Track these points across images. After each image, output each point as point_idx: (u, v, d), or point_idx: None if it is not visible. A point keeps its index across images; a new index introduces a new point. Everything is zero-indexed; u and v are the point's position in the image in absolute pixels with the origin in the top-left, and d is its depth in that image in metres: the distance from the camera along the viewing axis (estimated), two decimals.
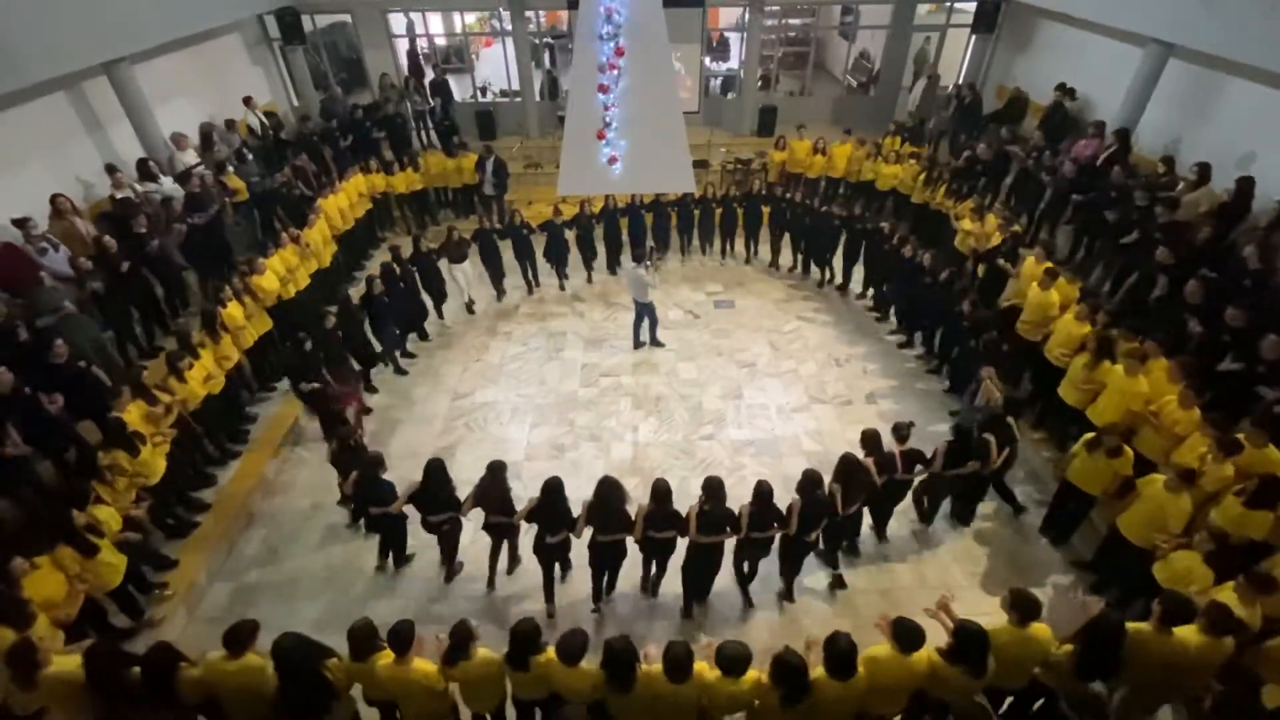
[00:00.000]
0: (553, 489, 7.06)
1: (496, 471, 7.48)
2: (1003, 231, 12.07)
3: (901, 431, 8.13)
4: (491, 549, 8.16)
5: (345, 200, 13.80)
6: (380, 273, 11.80)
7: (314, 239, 12.48)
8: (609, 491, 6.98)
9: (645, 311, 12.30)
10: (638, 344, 12.61)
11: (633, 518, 7.05)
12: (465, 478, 8.36)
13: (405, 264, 12.39)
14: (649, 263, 12.13)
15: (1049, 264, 10.78)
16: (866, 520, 8.80)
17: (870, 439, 7.87)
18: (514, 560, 8.32)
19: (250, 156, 13.94)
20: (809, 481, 7.18)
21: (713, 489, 6.94)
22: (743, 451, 10.40)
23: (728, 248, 15.35)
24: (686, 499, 7.85)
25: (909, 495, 8.71)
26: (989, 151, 13.97)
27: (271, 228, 13.15)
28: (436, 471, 7.53)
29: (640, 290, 12.02)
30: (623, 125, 7.81)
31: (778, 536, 7.43)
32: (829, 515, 7.37)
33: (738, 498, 7.55)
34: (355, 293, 11.80)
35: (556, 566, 7.82)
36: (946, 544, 9.20)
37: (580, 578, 8.29)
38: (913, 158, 15.10)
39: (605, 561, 7.46)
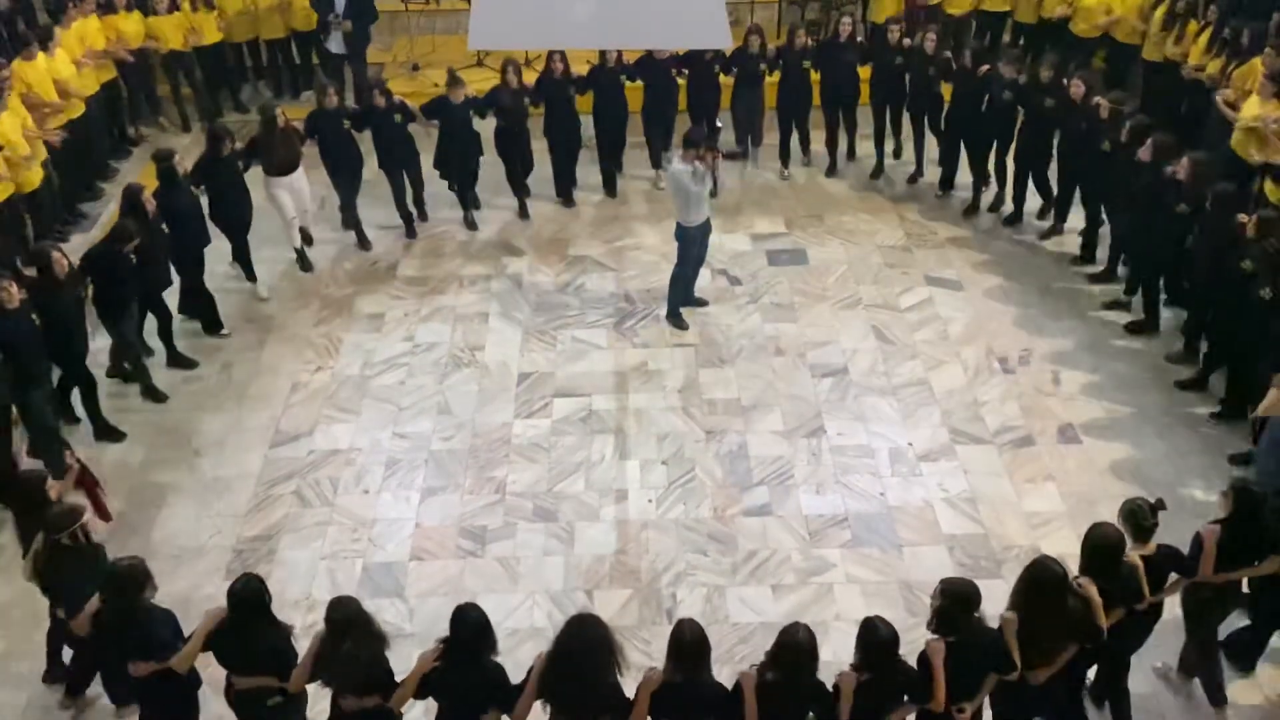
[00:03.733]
0: (469, 627, 4.32)
1: (349, 625, 4.34)
2: None
3: (1143, 519, 4.79)
4: None
5: (66, 61, 8.78)
6: (123, 198, 7.05)
7: (4, 134, 7.67)
8: (582, 646, 4.22)
9: (693, 245, 7.80)
10: (675, 315, 8.09)
11: (626, 694, 4.35)
12: (298, 595, 5.82)
13: (173, 188, 7.41)
14: (715, 155, 7.44)
15: None
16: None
17: (1099, 545, 4.69)
18: None
19: None
20: (956, 598, 4.34)
21: (790, 649, 4.21)
22: (826, 537, 6.39)
23: (794, 146, 9.93)
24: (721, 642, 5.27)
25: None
26: None
27: None
28: (246, 595, 4.48)
29: (686, 206, 7.56)
30: None
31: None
32: (997, 667, 4.48)
33: (824, 629, 5.10)
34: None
35: None
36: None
37: None
38: None
39: None
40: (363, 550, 6.14)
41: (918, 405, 7.25)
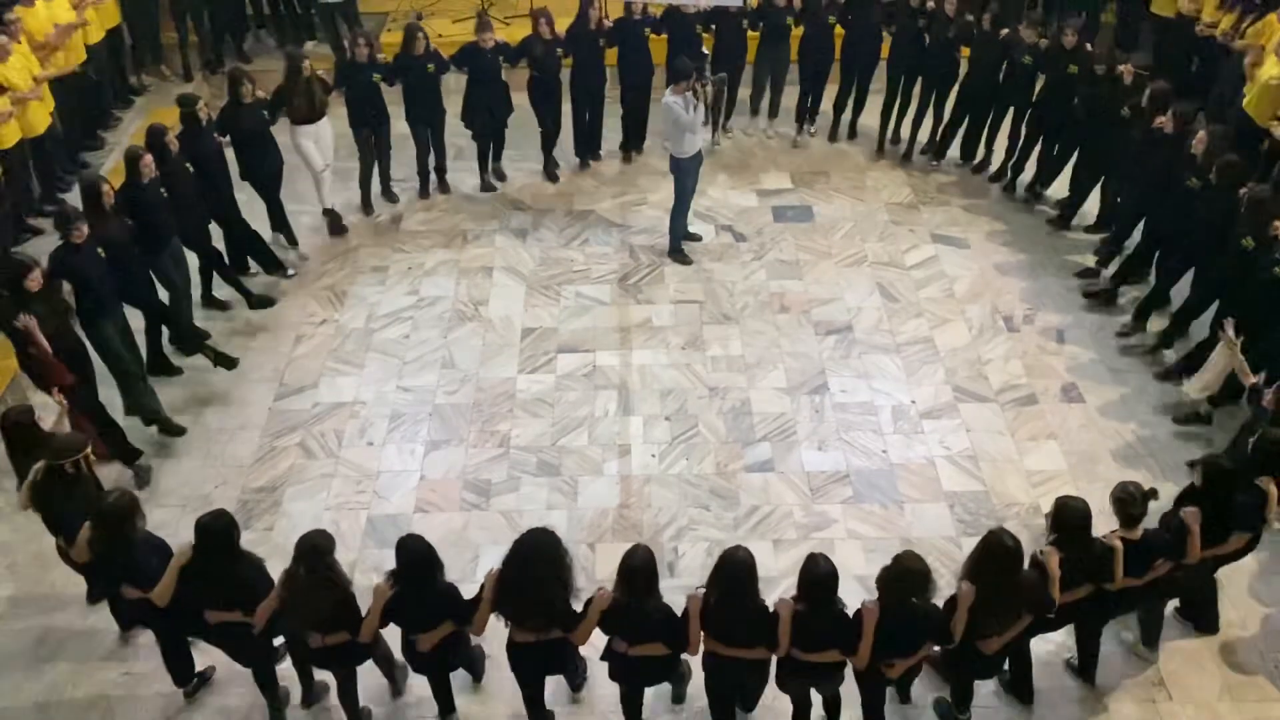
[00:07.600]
0: (416, 554, 4.46)
1: (312, 554, 4.38)
2: None
3: (1132, 507, 4.66)
4: (338, 686, 4.97)
5: (66, 7, 8.48)
6: (148, 141, 6.72)
7: (11, 80, 7.49)
8: (532, 555, 4.31)
9: (688, 177, 7.77)
10: (678, 249, 8.10)
11: (574, 607, 4.43)
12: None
13: (196, 134, 7.17)
14: (703, 84, 7.41)
15: None
16: None
17: (1071, 513, 4.60)
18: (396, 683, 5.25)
19: None
20: (901, 575, 4.29)
21: (728, 571, 4.30)
22: (829, 493, 6.25)
23: (807, 105, 9.58)
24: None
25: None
26: None
27: None
28: (213, 532, 4.47)
29: (679, 136, 7.47)
30: None
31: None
32: (934, 637, 4.48)
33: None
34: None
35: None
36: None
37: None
38: None
39: (536, 672, 4.77)
40: (367, 502, 6.09)
41: (921, 363, 7.10)
